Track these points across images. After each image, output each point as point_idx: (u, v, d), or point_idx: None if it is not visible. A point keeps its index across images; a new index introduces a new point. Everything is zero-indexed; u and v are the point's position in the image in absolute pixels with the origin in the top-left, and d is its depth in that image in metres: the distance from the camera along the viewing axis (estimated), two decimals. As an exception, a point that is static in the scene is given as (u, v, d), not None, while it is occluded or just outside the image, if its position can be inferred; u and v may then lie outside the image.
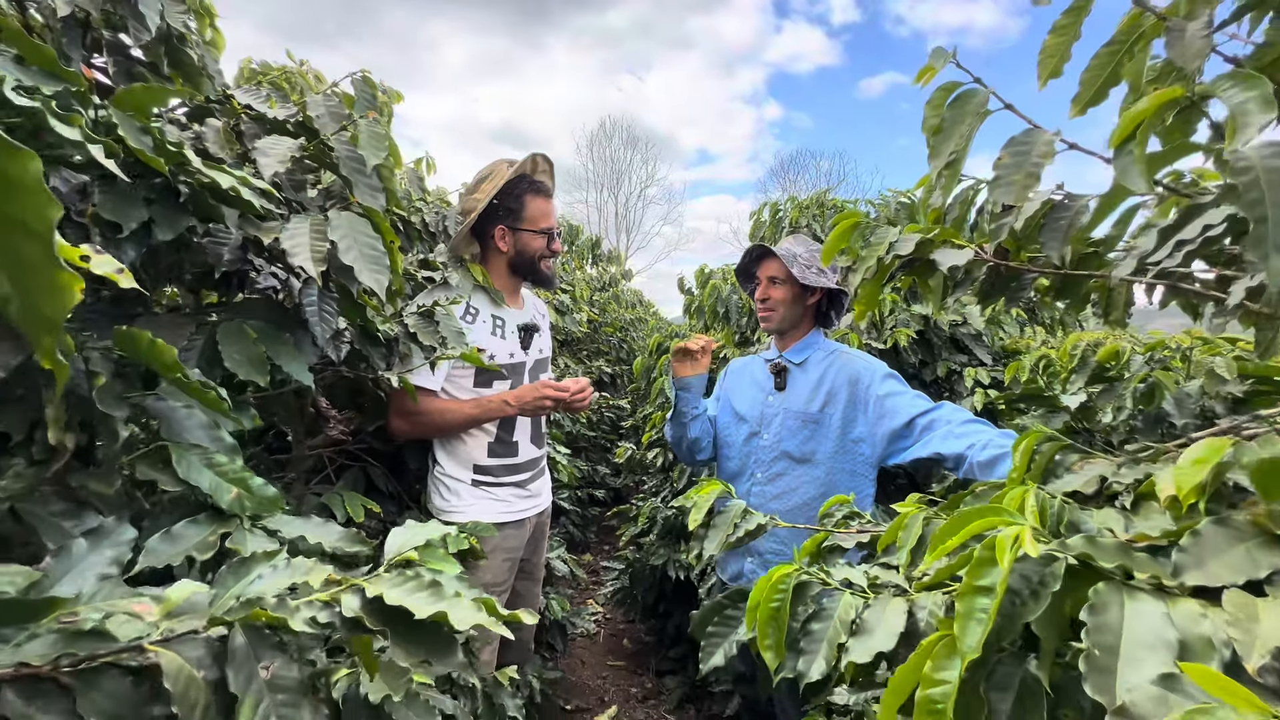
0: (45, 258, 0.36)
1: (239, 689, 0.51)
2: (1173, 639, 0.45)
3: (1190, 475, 0.59)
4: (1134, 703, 0.41)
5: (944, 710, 0.49)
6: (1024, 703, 0.50)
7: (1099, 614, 0.47)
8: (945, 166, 0.75)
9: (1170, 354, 1.73)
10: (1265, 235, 0.50)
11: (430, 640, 0.55)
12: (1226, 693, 0.40)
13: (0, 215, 0.35)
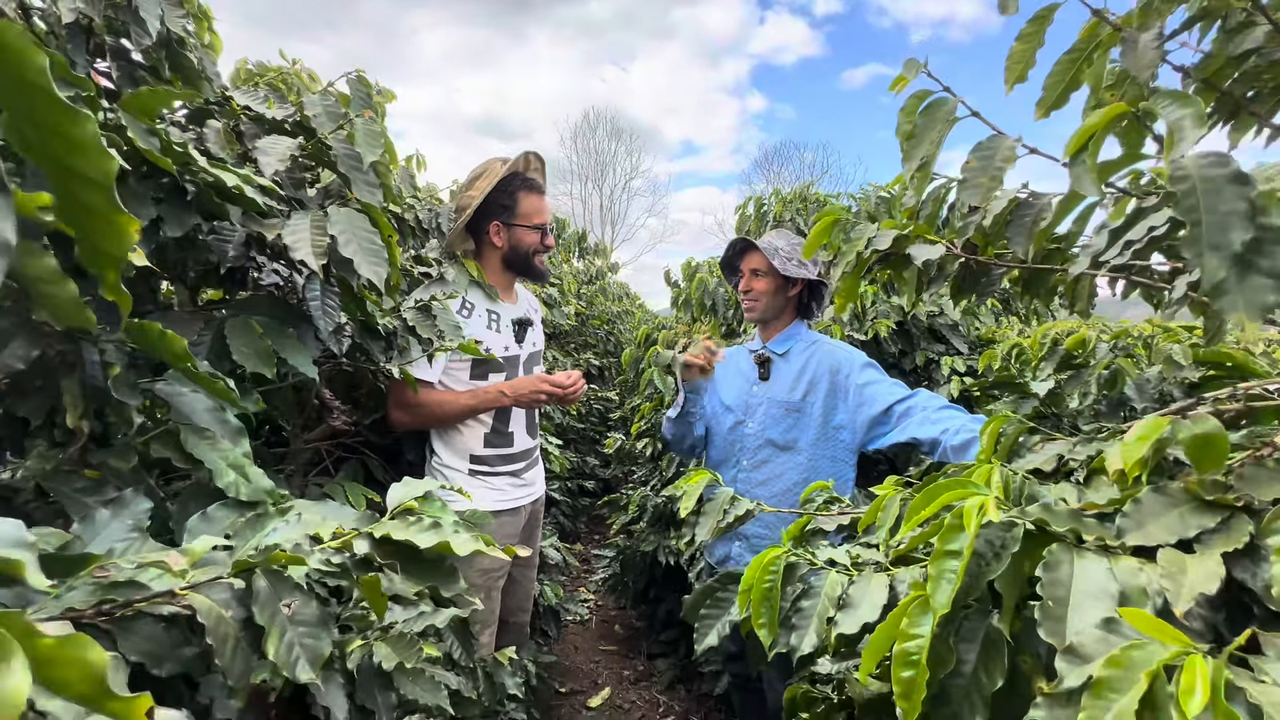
0: (107, 204, 0.41)
1: (265, 622, 0.57)
2: (1114, 590, 0.52)
3: (1134, 450, 0.66)
4: (1080, 643, 0.48)
5: (918, 660, 0.55)
6: (988, 651, 0.57)
7: (1052, 570, 0.54)
8: (917, 169, 0.81)
9: (1133, 342, 1.81)
10: (1200, 236, 0.56)
11: (434, 570, 0.61)
12: (1156, 631, 0.46)
13: (65, 169, 0.40)
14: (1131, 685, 0.43)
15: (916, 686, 0.55)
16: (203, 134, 1.12)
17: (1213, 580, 0.51)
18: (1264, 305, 0.52)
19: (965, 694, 0.57)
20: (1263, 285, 0.53)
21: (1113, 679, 0.44)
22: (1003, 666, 0.56)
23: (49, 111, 0.37)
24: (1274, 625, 0.50)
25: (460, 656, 1.33)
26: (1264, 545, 0.53)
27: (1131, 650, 0.45)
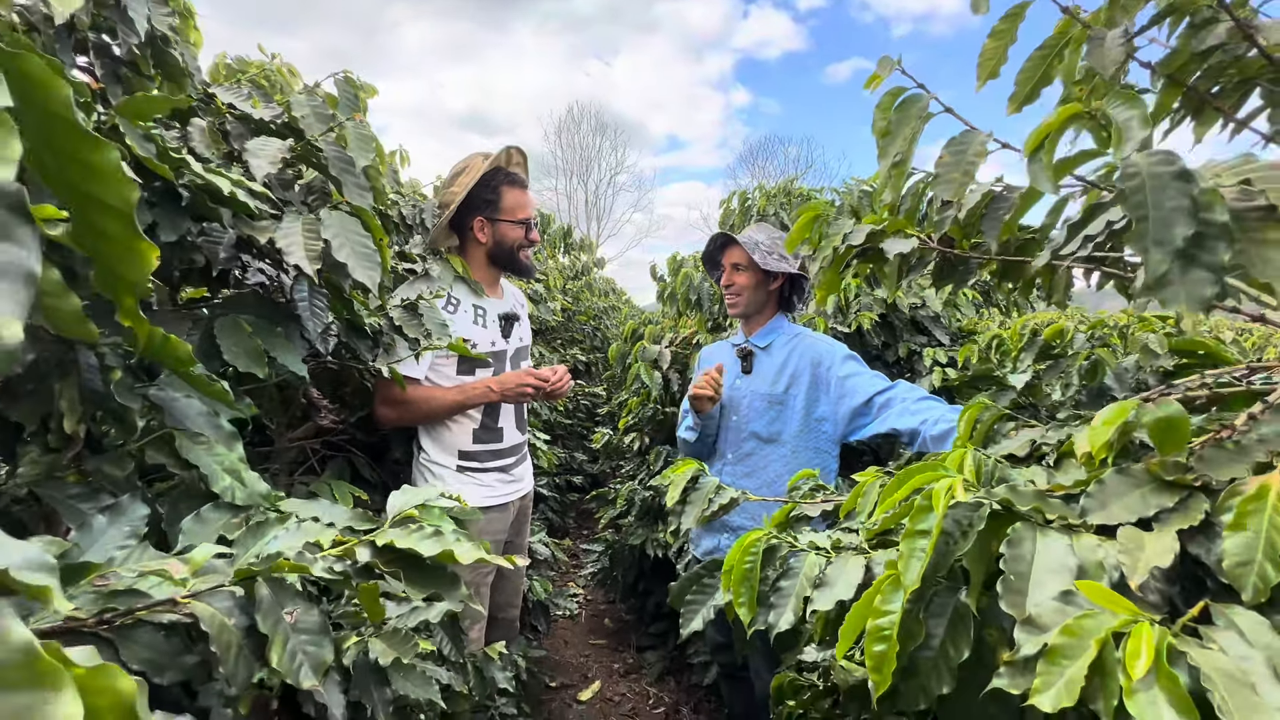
0: (127, 230, 0.42)
1: (269, 630, 0.58)
2: (1073, 565, 0.55)
3: (1100, 434, 0.68)
4: (1038, 614, 0.51)
5: (890, 635, 0.58)
6: (955, 626, 0.60)
7: (1015, 547, 0.57)
8: (893, 165, 0.83)
9: (1109, 332, 1.86)
10: (1146, 231, 0.59)
11: (436, 577, 0.62)
12: (1109, 602, 0.49)
13: (85, 196, 0.40)
14: (1083, 652, 0.46)
15: (887, 660, 0.58)
16: (187, 133, 1.12)
17: (1167, 555, 0.54)
18: (1203, 298, 0.55)
19: (933, 665, 0.59)
20: (1203, 278, 0.55)
21: (1066, 646, 0.47)
22: (969, 639, 0.58)
23: (71, 140, 0.38)
24: (1225, 597, 0.53)
25: (450, 652, 1.34)
26: (1218, 522, 0.56)
27: (1084, 619, 0.48)
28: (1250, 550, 0.51)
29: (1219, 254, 0.55)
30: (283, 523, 0.70)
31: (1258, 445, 0.64)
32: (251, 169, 1.04)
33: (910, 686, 0.60)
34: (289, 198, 1.20)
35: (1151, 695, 0.42)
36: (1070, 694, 0.44)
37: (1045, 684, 0.45)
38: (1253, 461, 0.61)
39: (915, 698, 0.60)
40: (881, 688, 0.57)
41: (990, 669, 0.52)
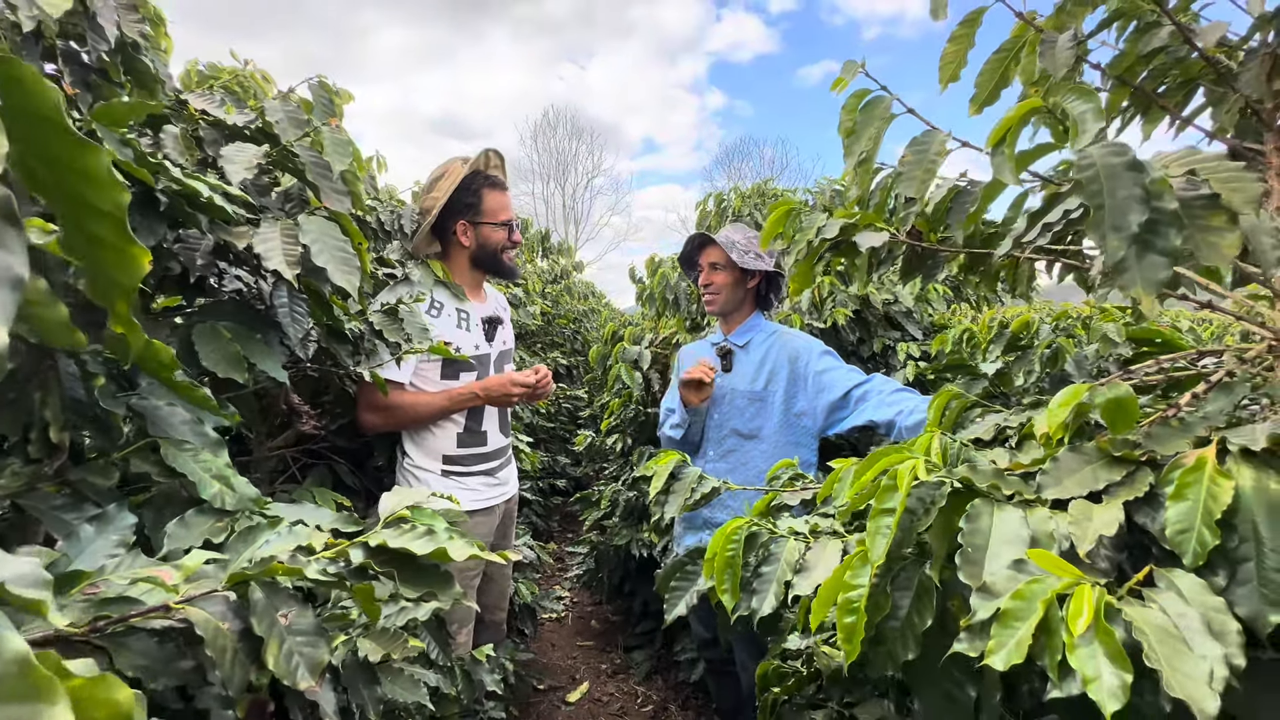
0: (119, 235, 0.42)
1: (264, 633, 0.59)
2: (1026, 536, 0.58)
3: (1056, 415, 0.72)
4: (992, 582, 0.54)
5: (858, 607, 0.61)
6: (920, 597, 0.63)
7: (973, 521, 0.60)
8: (858, 164, 0.87)
9: (1073, 322, 1.93)
10: (1103, 219, 0.63)
11: (430, 576, 0.64)
12: (1056, 568, 0.53)
13: (76, 201, 0.41)
14: (1031, 614, 0.49)
15: (856, 630, 0.61)
16: (160, 140, 1.12)
17: (1113, 524, 0.57)
18: (1158, 281, 0.59)
19: (900, 634, 0.63)
20: (1157, 263, 0.59)
21: (1016, 609, 0.50)
22: (933, 609, 0.62)
23: (61, 145, 0.38)
24: (1168, 563, 0.57)
25: (437, 655, 1.35)
26: (1161, 493, 0.60)
27: (1032, 584, 0.52)
28: (1190, 518, 0.55)
29: (1171, 239, 0.59)
30: (274, 527, 0.71)
31: (1200, 422, 0.68)
32: (227, 175, 1.04)
33: (878, 654, 0.63)
34: (266, 204, 1.20)
35: (1091, 650, 0.45)
36: (1020, 652, 0.48)
37: (998, 645, 0.49)
38: (1194, 436, 0.65)
39: (883, 664, 0.63)
40: (851, 656, 0.61)
41: (952, 635, 0.56)
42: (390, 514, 0.71)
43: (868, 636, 0.61)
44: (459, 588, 0.66)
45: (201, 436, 0.92)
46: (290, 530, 0.71)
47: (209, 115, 1.19)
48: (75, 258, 0.44)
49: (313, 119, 1.22)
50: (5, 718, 0.26)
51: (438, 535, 0.66)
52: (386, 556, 0.66)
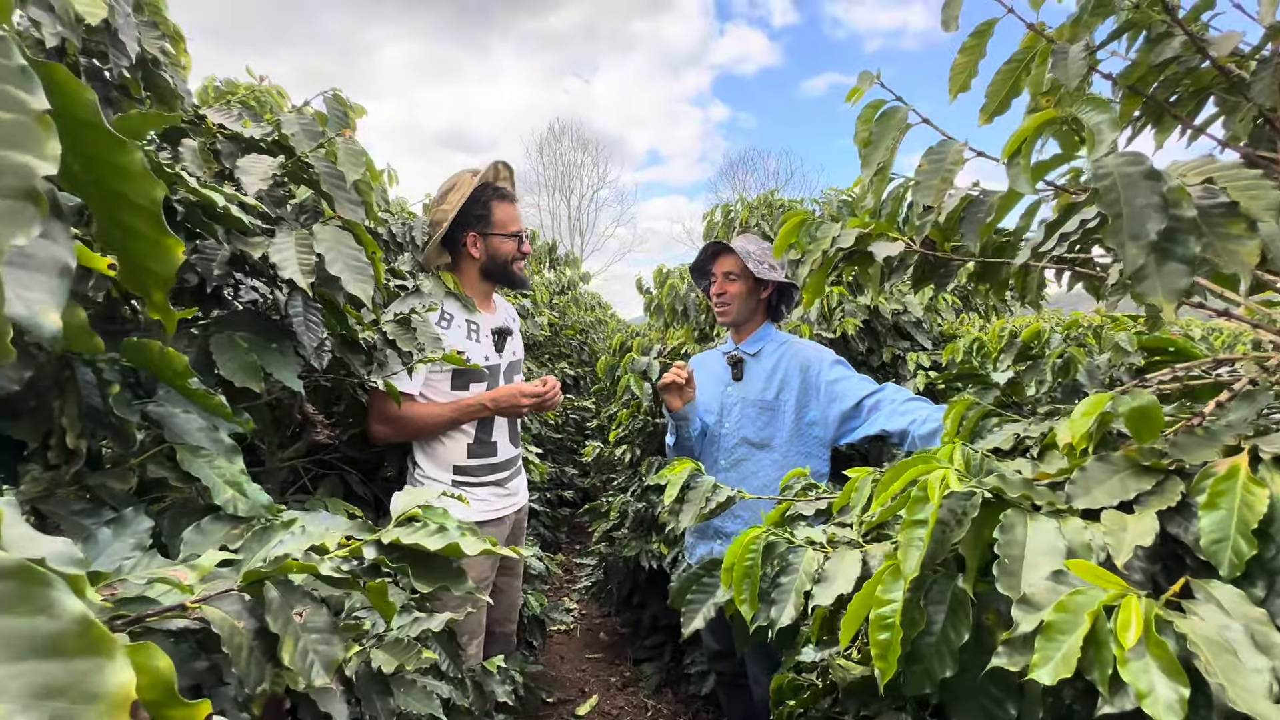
0: (155, 226, 0.44)
1: (279, 630, 0.59)
2: (1062, 546, 0.57)
3: (1080, 425, 0.72)
4: (1033, 593, 0.53)
5: (893, 623, 0.60)
6: (955, 611, 0.62)
7: (1008, 532, 0.59)
8: (875, 174, 0.87)
9: (1084, 331, 1.92)
10: (1121, 228, 0.62)
11: (443, 571, 0.64)
12: (1098, 579, 0.52)
13: (113, 195, 0.42)
14: (1077, 626, 0.48)
15: (892, 647, 0.60)
16: (179, 153, 1.13)
17: (1149, 534, 0.56)
18: (1178, 289, 0.59)
19: (936, 650, 0.62)
20: (1177, 270, 0.59)
21: (1061, 622, 0.49)
22: (968, 623, 0.61)
23: (99, 144, 0.40)
24: (1204, 573, 0.56)
25: (448, 667, 1.34)
26: (1193, 503, 0.59)
27: (1077, 596, 0.51)
28: (1224, 527, 0.54)
29: (1190, 247, 0.59)
30: (287, 528, 0.71)
31: (1226, 430, 0.67)
32: (243, 186, 1.05)
33: (914, 672, 0.62)
34: (282, 215, 1.21)
35: (1144, 663, 0.44)
36: (1068, 665, 0.47)
37: (1044, 658, 0.48)
38: (1222, 445, 0.64)
39: (920, 682, 0.62)
40: (888, 674, 0.59)
41: (989, 650, 0.55)
42: (402, 513, 0.71)
43: (904, 653, 0.60)
44: (471, 582, 0.66)
45: (216, 443, 0.93)
46: (303, 531, 0.71)
47: (226, 129, 1.20)
48: (111, 249, 0.45)
49: (327, 131, 1.23)
50: (70, 670, 0.27)
51: (449, 532, 0.66)
52: (399, 553, 0.67)
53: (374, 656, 0.89)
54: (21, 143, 0.32)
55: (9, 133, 0.32)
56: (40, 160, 0.32)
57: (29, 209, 0.31)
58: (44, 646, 0.28)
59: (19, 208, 0.31)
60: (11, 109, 0.32)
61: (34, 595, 0.29)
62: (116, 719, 0.27)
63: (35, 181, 0.31)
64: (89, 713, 0.27)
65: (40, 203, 0.31)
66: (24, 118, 0.32)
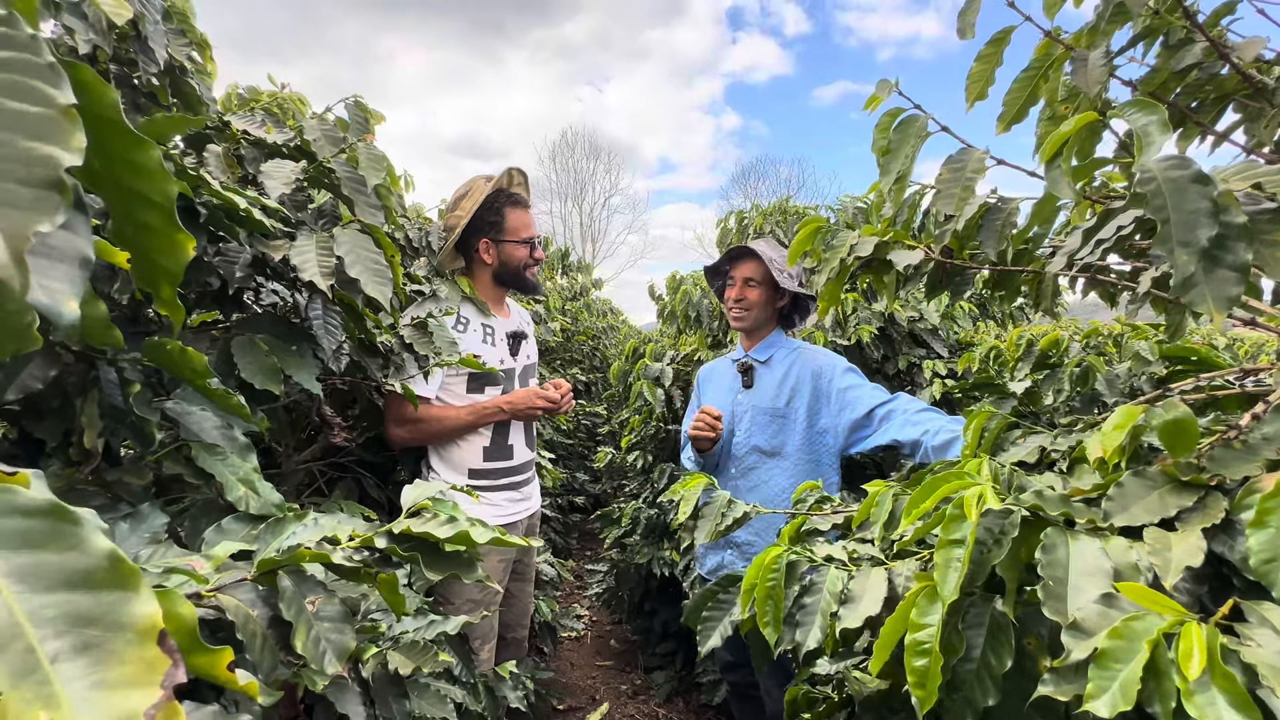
0: (167, 222, 0.45)
1: (293, 619, 0.60)
2: (1108, 568, 0.55)
3: (1112, 438, 0.70)
4: (1083, 618, 0.51)
5: (931, 648, 0.57)
6: (995, 635, 0.59)
7: (1050, 553, 0.57)
8: (894, 182, 0.87)
9: (1104, 340, 1.90)
10: (1170, 234, 0.60)
11: (454, 560, 0.64)
12: (1152, 603, 0.50)
13: (129, 192, 0.44)
14: (1134, 654, 0.46)
15: (931, 674, 0.57)
16: (203, 158, 1.15)
17: (1196, 554, 0.54)
18: (1229, 297, 0.57)
19: (977, 677, 0.59)
20: (1228, 278, 0.57)
21: (1116, 649, 0.47)
22: (1010, 649, 0.58)
23: (118, 141, 0.41)
24: (1253, 594, 0.54)
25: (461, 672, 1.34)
26: (1238, 520, 0.57)
27: (1132, 621, 0.48)
28: (1275, 546, 0.51)
29: (1241, 254, 0.57)
30: (300, 520, 0.72)
31: (1264, 444, 0.65)
32: (266, 190, 1.07)
33: (955, 700, 0.59)
34: (302, 218, 1.23)
35: (1210, 695, 0.42)
36: (1127, 698, 0.44)
37: (1099, 689, 0.45)
38: (1263, 459, 0.62)
39: (962, 712, 0.59)
40: (928, 703, 0.56)
41: (1032, 678, 0.52)
42: (413, 505, 0.72)
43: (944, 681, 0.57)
44: (481, 570, 0.66)
45: (231, 441, 0.94)
46: (316, 523, 0.72)
47: (250, 135, 1.22)
48: (124, 245, 0.46)
49: (348, 136, 1.25)
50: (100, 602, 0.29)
51: (459, 522, 0.67)
52: (410, 543, 0.67)
53: (390, 658, 0.89)
54: (48, 135, 0.33)
55: (37, 125, 0.33)
56: (66, 152, 0.33)
57: (54, 198, 0.32)
58: (75, 579, 0.29)
59: (45, 196, 0.32)
60: (39, 103, 0.34)
61: (65, 532, 0.31)
62: (145, 647, 0.29)
63: (60, 172, 0.33)
64: (118, 640, 0.28)
65: (65, 192, 0.33)
66: (51, 111, 0.34)
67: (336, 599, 0.64)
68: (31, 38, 0.34)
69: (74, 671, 0.27)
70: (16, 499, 0.31)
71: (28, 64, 0.34)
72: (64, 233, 0.38)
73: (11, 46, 0.34)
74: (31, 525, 0.30)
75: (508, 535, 0.69)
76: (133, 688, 0.27)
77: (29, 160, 0.32)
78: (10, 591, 0.28)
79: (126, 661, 0.28)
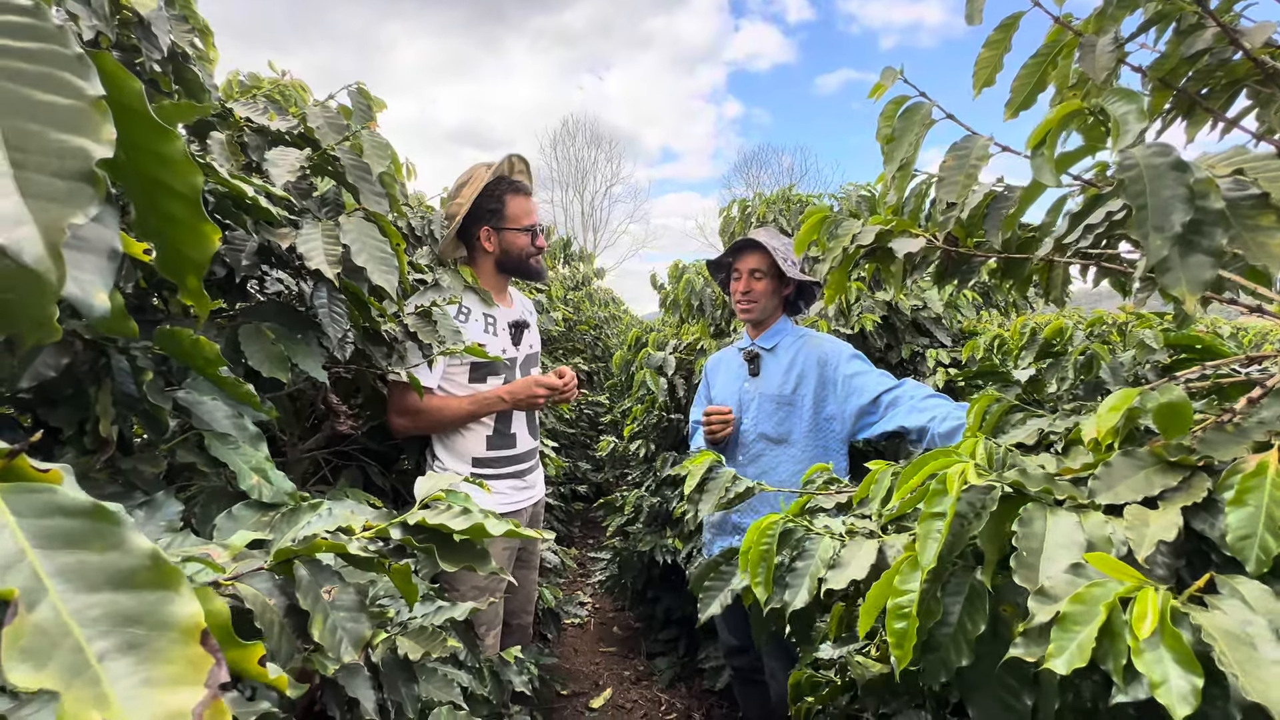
0: (193, 213, 0.45)
1: (309, 607, 0.61)
2: (1082, 540, 0.57)
3: (1106, 420, 0.71)
4: (1050, 585, 0.53)
5: (909, 613, 0.60)
6: (972, 602, 0.62)
7: (1027, 525, 0.59)
8: (898, 170, 0.86)
9: (1109, 329, 1.89)
10: (1145, 219, 0.62)
11: (467, 552, 0.65)
12: (1116, 571, 0.52)
13: (153, 183, 0.44)
14: (1093, 617, 0.48)
15: (908, 636, 0.60)
16: (207, 146, 1.15)
17: (1171, 529, 0.56)
18: (1203, 281, 0.58)
19: (953, 640, 0.62)
20: (1202, 262, 0.58)
21: (1076, 613, 0.49)
22: (985, 614, 0.61)
23: (142, 132, 0.41)
24: (1229, 569, 0.56)
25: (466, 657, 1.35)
26: (1220, 499, 0.59)
27: (1093, 588, 0.51)
28: (1252, 524, 0.54)
29: (1216, 239, 0.58)
30: (315, 510, 0.73)
31: (1257, 427, 0.66)
32: (271, 178, 1.07)
33: (931, 661, 0.62)
34: (307, 206, 1.23)
35: (1158, 654, 0.44)
36: (1082, 656, 0.47)
37: (1059, 649, 0.48)
38: (1252, 441, 0.63)
39: (936, 671, 0.62)
40: (904, 662, 0.60)
41: (1005, 641, 0.55)
42: (426, 496, 0.72)
43: (919, 642, 0.60)
44: (495, 562, 0.67)
45: (242, 430, 0.95)
46: (330, 513, 0.73)
47: (253, 123, 1.22)
48: (149, 237, 0.46)
49: (351, 124, 1.25)
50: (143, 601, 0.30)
51: (473, 514, 0.67)
52: (425, 535, 0.68)
53: (400, 644, 0.90)
54: (80, 127, 0.33)
55: (68, 117, 0.33)
56: (97, 144, 0.33)
57: (87, 190, 0.32)
58: (118, 579, 0.30)
59: (78, 188, 0.32)
60: (70, 95, 0.34)
61: (106, 532, 0.31)
62: (189, 646, 0.29)
63: (92, 164, 0.33)
64: (163, 639, 0.29)
65: (98, 184, 0.33)
66: (81, 103, 0.34)
67: (351, 588, 0.65)
68: (59, 29, 0.35)
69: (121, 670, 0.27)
70: (57, 499, 0.31)
71: (56, 55, 0.34)
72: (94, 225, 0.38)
73: (39, 38, 0.34)
74: (74, 525, 0.30)
75: (520, 527, 0.69)
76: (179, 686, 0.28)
77: (61, 153, 0.32)
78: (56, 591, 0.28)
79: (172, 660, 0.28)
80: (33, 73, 0.33)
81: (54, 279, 0.30)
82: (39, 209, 0.30)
